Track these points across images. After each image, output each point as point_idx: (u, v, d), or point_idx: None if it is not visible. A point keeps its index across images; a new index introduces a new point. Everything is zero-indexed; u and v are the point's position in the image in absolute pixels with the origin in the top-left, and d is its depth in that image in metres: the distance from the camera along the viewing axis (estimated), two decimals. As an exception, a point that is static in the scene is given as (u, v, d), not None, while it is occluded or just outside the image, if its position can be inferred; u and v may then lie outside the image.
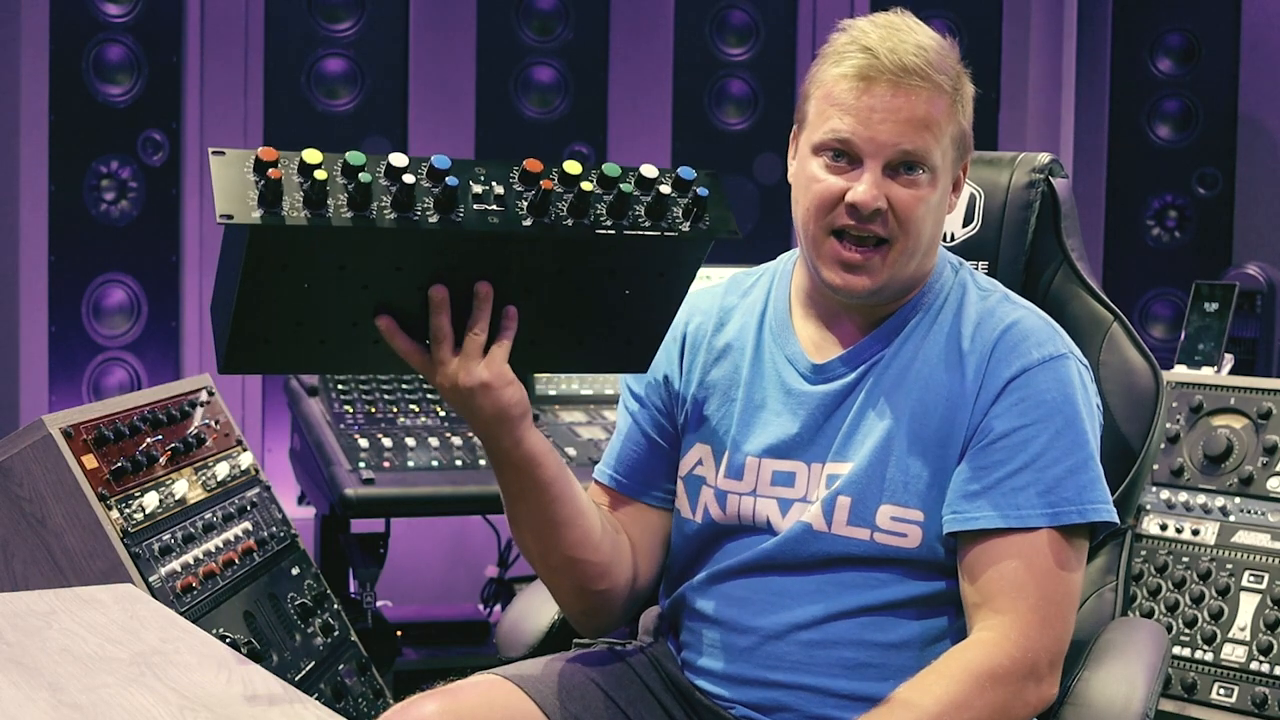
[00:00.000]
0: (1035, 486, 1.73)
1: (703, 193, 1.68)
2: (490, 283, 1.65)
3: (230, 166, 1.57)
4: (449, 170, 1.60)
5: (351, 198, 1.56)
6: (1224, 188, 4.78)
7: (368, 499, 3.18)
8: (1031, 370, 1.76)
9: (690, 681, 1.87)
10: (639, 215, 1.66)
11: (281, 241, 1.55)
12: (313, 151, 1.57)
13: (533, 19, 4.61)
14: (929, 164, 1.75)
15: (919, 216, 1.76)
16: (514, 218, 1.61)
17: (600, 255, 1.66)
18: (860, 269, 1.77)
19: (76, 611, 1.57)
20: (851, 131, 1.74)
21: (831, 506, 1.79)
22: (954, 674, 1.67)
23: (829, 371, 1.84)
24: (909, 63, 1.73)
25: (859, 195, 1.74)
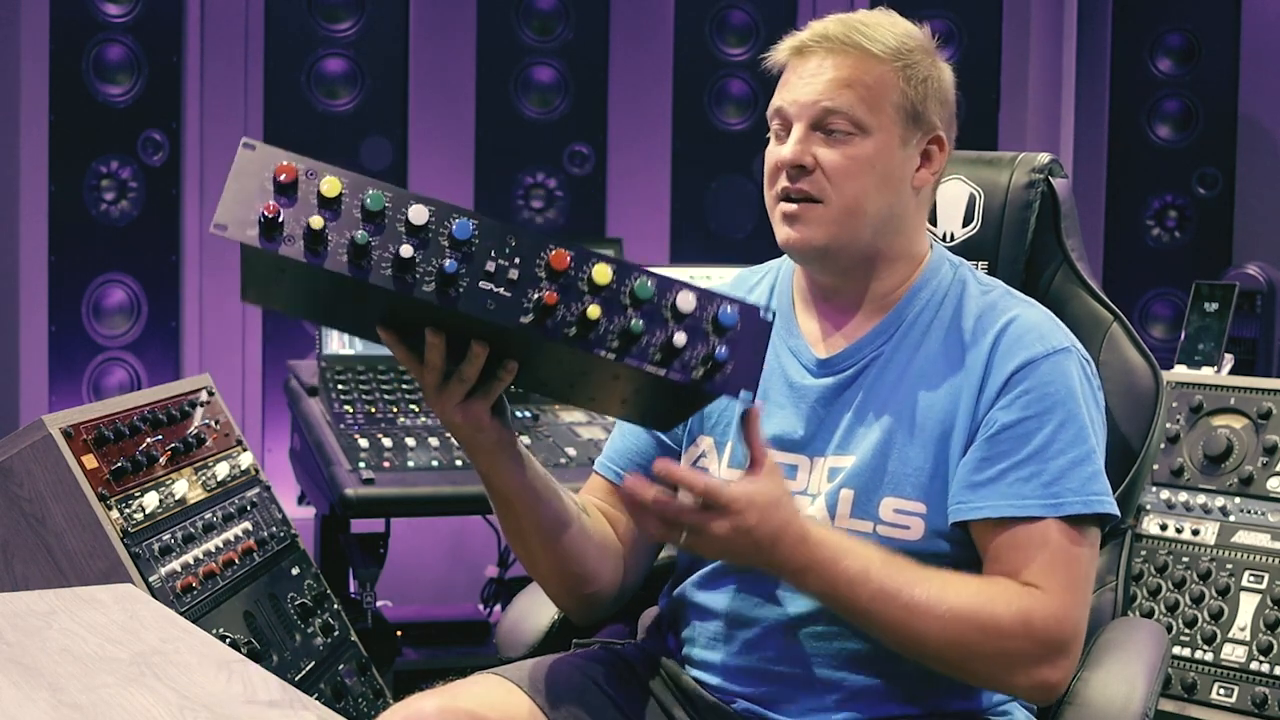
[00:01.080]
0: (1040, 478, 1.74)
1: (722, 355, 1.56)
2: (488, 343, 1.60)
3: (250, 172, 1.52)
4: (469, 240, 1.52)
5: (351, 253, 1.51)
6: (1224, 188, 4.78)
7: (368, 499, 3.18)
8: (1035, 363, 1.78)
9: (691, 677, 1.87)
10: (653, 346, 1.55)
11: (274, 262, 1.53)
12: (333, 182, 1.52)
13: (533, 19, 4.61)
14: (856, 122, 1.79)
15: (849, 174, 1.79)
16: (512, 311, 1.53)
17: (597, 365, 1.58)
18: (798, 220, 1.82)
19: (76, 611, 1.57)
20: (783, 100, 1.84)
21: (835, 500, 1.80)
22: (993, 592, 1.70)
23: (832, 365, 1.86)
24: (833, 31, 1.81)
25: (782, 153, 1.82)
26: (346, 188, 1.53)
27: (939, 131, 1.85)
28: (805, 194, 1.80)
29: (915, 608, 1.68)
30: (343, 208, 1.52)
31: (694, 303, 1.57)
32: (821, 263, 1.85)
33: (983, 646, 1.69)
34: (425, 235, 1.53)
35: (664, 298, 1.57)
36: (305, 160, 1.54)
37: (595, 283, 1.55)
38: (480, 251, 1.53)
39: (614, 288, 1.55)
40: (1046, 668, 1.71)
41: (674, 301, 1.57)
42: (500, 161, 4.60)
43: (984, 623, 1.68)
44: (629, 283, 1.56)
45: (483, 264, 1.53)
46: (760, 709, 1.81)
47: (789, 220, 1.82)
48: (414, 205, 1.53)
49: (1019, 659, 1.70)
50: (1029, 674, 1.71)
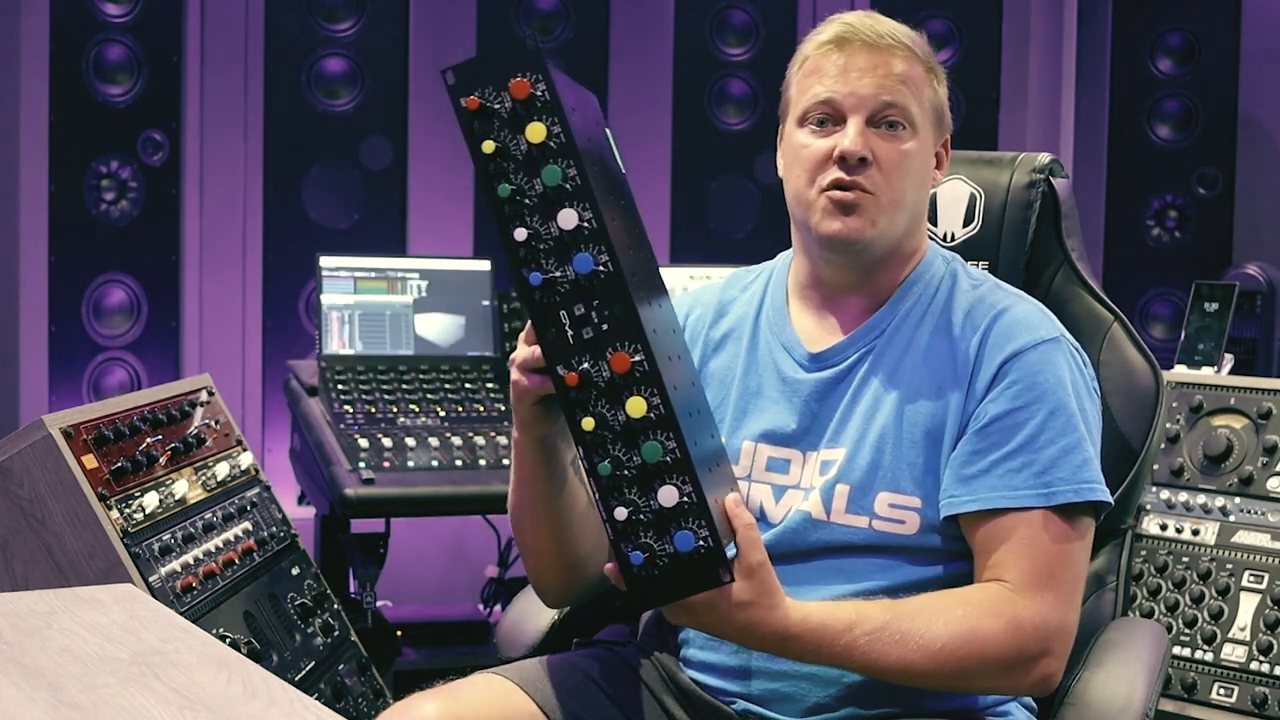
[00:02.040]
0: (1030, 468, 1.75)
1: (638, 559, 1.52)
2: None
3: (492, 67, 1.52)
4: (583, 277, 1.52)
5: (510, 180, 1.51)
6: (1224, 188, 4.78)
7: (368, 499, 3.18)
8: (1024, 354, 1.79)
9: (691, 678, 1.87)
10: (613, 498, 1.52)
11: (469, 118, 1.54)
12: (538, 129, 1.51)
13: (533, 19, 4.61)
14: (909, 119, 1.82)
15: (902, 170, 1.82)
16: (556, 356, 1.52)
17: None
18: (853, 210, 1.81)
19: (76, 611, 1.57)
20: (832, 91, 1.82)
21: (830, 495, 1.81)
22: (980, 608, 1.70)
23: (824, 360, 1.87)
24: (882, 28, 1.83)
25: (846, 145, 1.80)
26: (553, 138, 1.52)
27: (947, 135, 1.92)
28: (858, 185, 1.80)
29: (909, 659, 1.68)
30: (537, 153, 1.51)
31: (674, 500, 1.51)
32: (858, 255, 1.85)
33: (981, 665, 1.70)
34: (567, 239, 1.51)
35: (661, 476, 1.52)
36: (548, 85, 1.53)
37: (629, 413, 1.51)
38: (578, 292, 1.52)
39: (633, 426, 1.51)
40: (1043, 663, 1.72)
41: (660, 489, 1.52)
42: (500, 161, 4.59)
43: (978, 644, 1.69)
44: (647, 437, 1.51)
45: (573, 304, 1.52)
46: (759, 709, 1.81)
47: (843, 209, 1.81)
48: (566, 210, 1.52)
49: (1016, 665, 1.71)
50: (1027, 674, 1.72)
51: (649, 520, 1.52)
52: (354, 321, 3.57)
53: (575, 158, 1.52)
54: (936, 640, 1.68)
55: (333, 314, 3.56)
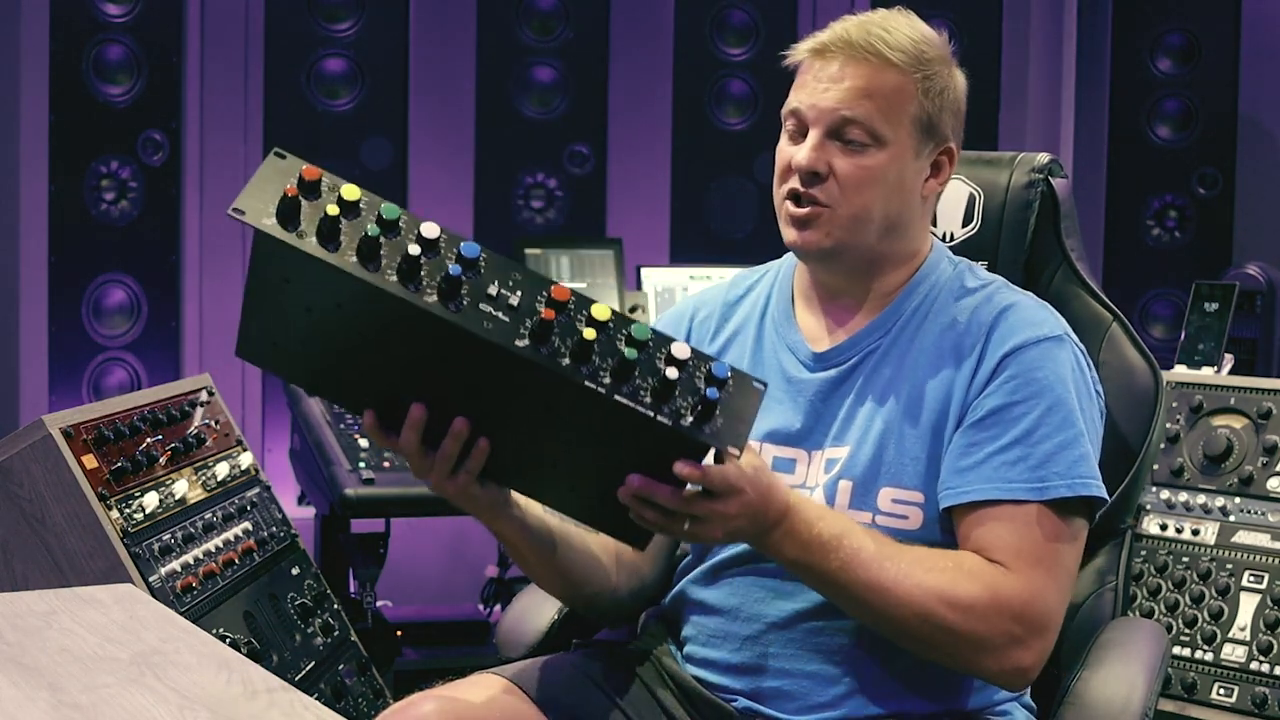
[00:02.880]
0: (1026, 461, 1.74)
1: (712, 394, 1.53)
2: (471, 413, 1.59)
3: (275, 173, 1.53)
4: (475, 260, 1.53)
5: (361, 246, 1.51)
6: (1224, 188, 4.78)
7: (368, 499, 3.18)
8: (1025, 348, 1.79)
9: (692, 675, 1.87)
10: (643, 387, 1.53)
11: (283, 256, 1.52)
12: (353, 189, 1.53)
13: (533, 19, 4.61)
14: (873, 133, 1.79)
15: (861, 184, 1.80)
16: (510, 333, 1.51)
17: (587, 410, 1.54)
18: (807, 224, 1.81)
19: (76, 611, 1.57)
20: (799, 102, 1.82)
21: (834, 491, 1.81)
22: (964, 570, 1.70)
23: (829, 359, 1.86)
24: (855, 38, 1.80)
25: (798, 158, 1.80)
26: (365, 198, 1.53)
27: (950, 143, 1.87)
28: (814, 199, 1.80)
29: (885, 578, 1.68)
30: (360, 213, 1.52)
31: (688, 352, 1.55)
32: (826, 263, 1.86)
33: (951, 623, 1.68)
34: (435, 248, 1.53)
35: (660, 343, 1.56)
36: (331, 175, 1.55)
37: (594, 317, 1.54)
38: (485, 275, 1.53)
39: (611, 326, 1.54)
40: (1017, 650, 1.70)
41: (669, 349, 1.55)
42: (500, 161, 4.60)
43: (952, 599, 1.67)
44: (627, 325, 1.55)
45: (485, 286, 1.53)
46: (760, 707, 1.81)
47: (796, 223, 1.82)
48: (426, 223, 1.54)
49: (988, 640, 1.69)
50: (998, 657, 1.70)
51: (681, 375, 1.54)
52: (354, 321, 3.57)
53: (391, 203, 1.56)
54: (913, 577, 1.68)
55: (333, 314, 3.55)
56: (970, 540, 1.75)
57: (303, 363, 1.67)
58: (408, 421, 1.61)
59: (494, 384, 1.57)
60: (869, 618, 1.72)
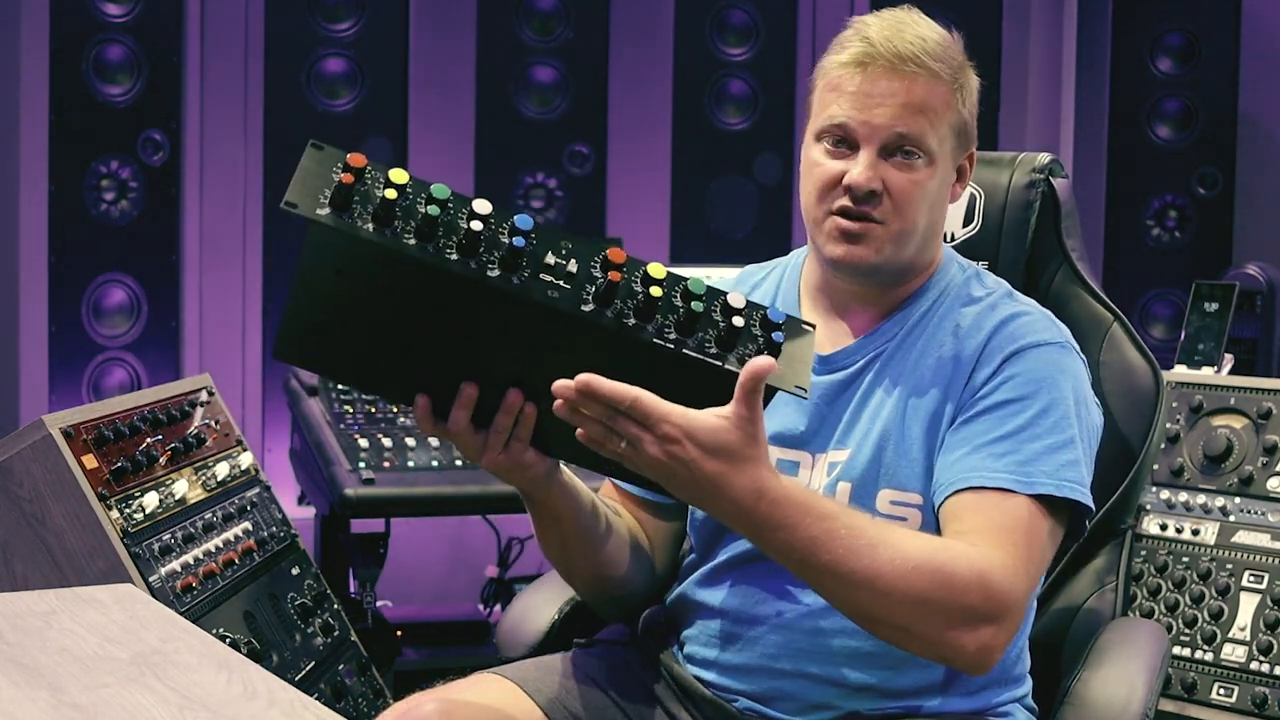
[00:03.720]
0: (1013, 456, 1.72)
1: (778, 338, 1.58)
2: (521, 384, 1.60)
3: (320, 162, 1.54)
4: (529, 231, 1.54)
5: (420, 227, 1.51)
6: (1224, 188, 4.78)
7: (368, 499, 3.18)
8: (1024, 351, 1.78)
9: (693, 675, 1.87)
10: (707, 339, 1.57)
11: (339, 245, 1.52)
12: (399, 171, 1.53)
13: (533, 19, 4.61)
14: (924, 148, 1.78)
15: (914, 200, 1.79)
16: (575, 298, 1.54)
17: (653, 368, 1.56)
18: (859, 239, 1.80)
19: (76, 611, 1.57)
20: (848, 116, 1.78)
21: (832, 492, 1.81)
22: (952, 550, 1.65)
23: (835, 362, 1.86)
24: (904, 50, 1.77)
25: (855, 176, 1.77)
26: (411, 181, 1.54)
27: (973, 147, 1.87)
28: (866, 215, 1.79)
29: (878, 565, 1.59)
30: (410, 195, 1.53)
31: (743, 301, 1.58)
32: (868, 278, 1.85)
33: (937, 599, 1.61)
34: (489, 223, 1.54)
35: (714, 295, 1.58)
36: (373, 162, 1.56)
37: (651, 276, 1.56)
38: (540, 245, 1.55)
39: (668, 283, 1.57)
40: (992, 629, 1.63)
41: (725, 299, 1.58)
42: (500, 161, 4.60)
43: (941, 576, 1.61)
44: (681, 280, 1.58)
45: (543, 256, 1.55)
46: (761, 707, 1.81)
47: (848, 238, 1.80)
48: (477, 200, 1.55)
49: (970, 616, 1.62)
50: (976, 633, 1.63)
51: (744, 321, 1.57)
52: (354, 321, 3.57)
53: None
54: (909, 560, 1.60)
55: (333, 314, 3.55)
56: (950, 523, 1.71)
57: (350, 357, 1.68)
58: (459, 401, 1.62)
59: (549, 352, 1.59)
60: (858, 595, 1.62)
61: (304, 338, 1.65)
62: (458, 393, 1.62)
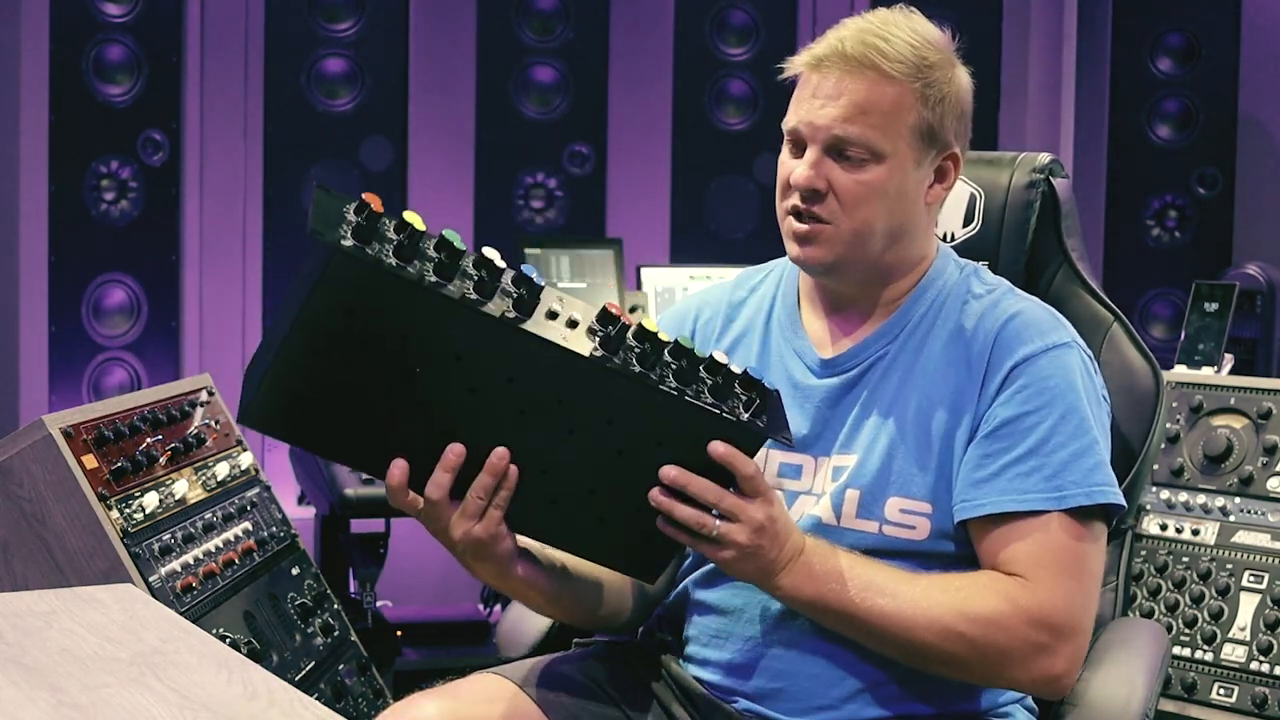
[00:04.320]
0: (1041, 471, 1.74)
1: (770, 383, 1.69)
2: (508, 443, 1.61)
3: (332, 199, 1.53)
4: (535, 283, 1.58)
5: (439, 266, 1.53)
6: (1224, 188, 4.78)
7: (368, 499, 3.18)
8: (1035, 358, 1.78)
9: (693, 676, 1.87)
10: (703, 390, 1.62)
11: (360, 278, 1.51)
12: (414, 215, 1.55)
13: (533, 19, 4.61)
14: (871, 149, 1.78)
15: (862, 200, 1.78)
16: (580, 343, 1.58)
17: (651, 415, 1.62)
18: (810, 240, 1.81)
19: (76, 611, 1.57)
20: (798, 118, 1.81)
21: (840, 500, 1.80)
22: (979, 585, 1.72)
23: (836, 365, 1.86)
24: (852, 51, 1.78)
25: (795, 176, 1.80)
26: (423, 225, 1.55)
27: (954, 149, 1.85)
28: (816, 216, 1.80)
29: (903, 603, 1.69)
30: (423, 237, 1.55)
31: (727, 357, 1.65)
32: (831, 277, 1.86)
33: (972, 638, 1.69)
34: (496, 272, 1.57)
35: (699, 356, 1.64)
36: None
37: (645, 328, 1.61)
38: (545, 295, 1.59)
39: (659, 336, 1.61)
40: (1045, 658, 1.70)
41: (713, 356, 1.63)
42: (500, 161, 4.60)
43: (971, 614, 1.68)
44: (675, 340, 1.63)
45: (549, 304, 1.59)
46: (760, 707, 1.81)
47: (799, 239, 1.82)
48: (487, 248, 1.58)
49: (1012, 651, 1.70)
50: (1027, 667, 1.71)
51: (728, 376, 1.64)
52: (354, 321, 3.57)
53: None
54: (937, 606, 1.68)
55: (333, 314, 3.55)
56: (989, 554, 1.75)
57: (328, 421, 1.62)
58: (443, 463, 1.61)
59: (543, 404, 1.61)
60: (892, 647, 1.72)
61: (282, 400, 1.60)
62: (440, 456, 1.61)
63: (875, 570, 1.72)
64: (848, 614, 1.71)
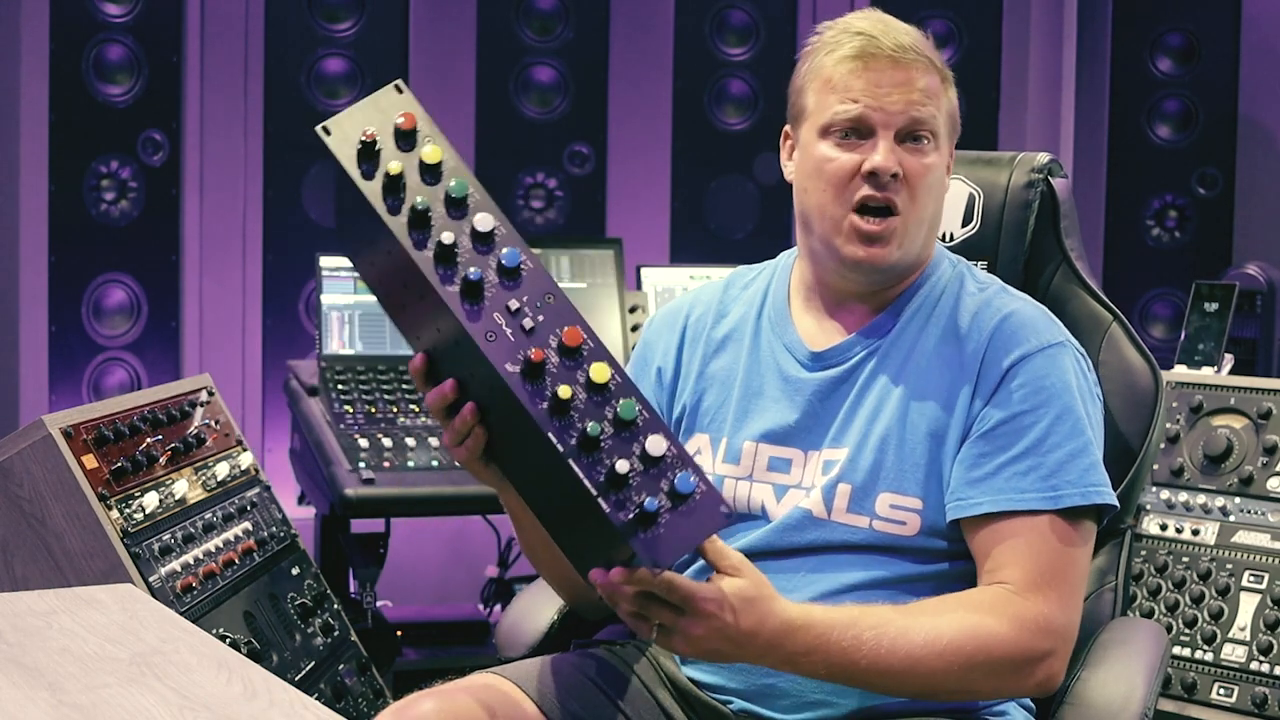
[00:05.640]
0: (1037, 471, 1.75)
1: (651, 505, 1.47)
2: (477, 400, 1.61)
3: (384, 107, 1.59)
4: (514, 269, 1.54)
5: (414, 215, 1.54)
6: (1224, 188, 4.78)
7: (368, 499, 3.18)
8: (1029, 357, 1.79)
9: (688, 676, 1.87)
10: (601, 466, 1.49)
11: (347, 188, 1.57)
12: (436, 151, 1.57)
13: (533, 19, 4.61)
14: (934, 132, 1.82)
15: (928, 184, 1.82)
16: (504, 354, 1.52)
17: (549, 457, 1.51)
18: (879, 240, 1.81)
19: (76, 611, 1.57)
20: (863, 106, 1.80)
21: (831, 494, 1.80)
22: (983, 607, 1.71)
23: (826, 359, 1.86)
24: (904, 40, 1.81)
25: (878, 161, 1.79)
26: (446, 162, 1.56)
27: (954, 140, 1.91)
28: (890, 202, 1.80)
29: (915, 655, 1.67)
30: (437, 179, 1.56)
31: (664, 450, 1.51)
32: (879, 277, 1.86)
33: (988, 664, 1.70)
34: (484, 241, 1.55)
35: (642, 431, 1.51)
36: (432, 125, 1.59)
37: (591, 378, 1.52)
38: (516, 287, 1.55)
39: (605, 392, 1.52)
40: (1047, 663, 1.73)
41: (646, 441, 1.51)
42: (500, 161, 4.60)
43: (983, 641, 1.69)
44: (619, 399, 1.52)
45: (507, 299, 1.54)
46: (756, 708, 1.81)
47: (867, 240, 1.81)
48: (483, 214, 1.55)
49: (1022, 664, 1.71)
50: (1032, 674, 1.72)
51: (643, 471, 1.50)
52: (354, 321, 3.57)
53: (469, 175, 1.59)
54: (942, 637, 1.68)
55: (333, 314, 3.56)
56: (982, 553, 1.76)
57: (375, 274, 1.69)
58: (438, 390, 1.64)
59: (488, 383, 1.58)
60: (910, 692, 1.72)
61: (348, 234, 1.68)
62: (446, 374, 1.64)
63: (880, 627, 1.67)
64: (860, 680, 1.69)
